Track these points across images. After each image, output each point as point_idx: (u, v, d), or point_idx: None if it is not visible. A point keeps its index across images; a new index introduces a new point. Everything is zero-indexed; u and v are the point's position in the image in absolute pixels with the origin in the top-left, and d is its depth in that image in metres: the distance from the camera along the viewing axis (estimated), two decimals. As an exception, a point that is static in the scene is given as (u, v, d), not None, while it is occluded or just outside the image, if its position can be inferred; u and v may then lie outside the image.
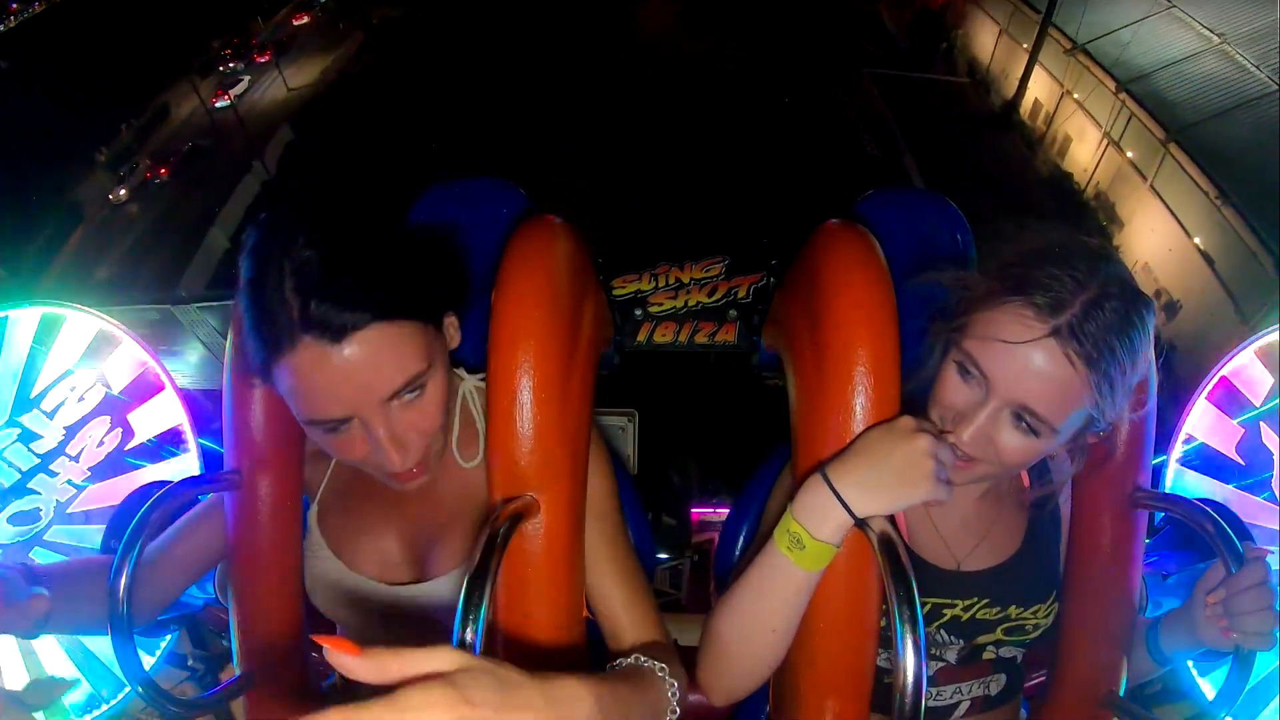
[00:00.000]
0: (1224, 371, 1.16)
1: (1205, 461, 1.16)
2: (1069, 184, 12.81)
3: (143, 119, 21.20)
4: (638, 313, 1.22)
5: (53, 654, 1.16)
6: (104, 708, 1.17)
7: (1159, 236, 10.17)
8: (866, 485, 0.71)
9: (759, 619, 0.77)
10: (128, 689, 1.15)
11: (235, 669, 0.90)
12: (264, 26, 26.25)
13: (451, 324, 0.80)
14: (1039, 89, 14.03)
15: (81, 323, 1.19)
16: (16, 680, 1.15)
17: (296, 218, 0.69)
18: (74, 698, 1.16)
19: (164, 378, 1.21)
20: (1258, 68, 10.41)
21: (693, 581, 1.86)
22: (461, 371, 0.91)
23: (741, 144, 14.98)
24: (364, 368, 0.67)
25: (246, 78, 22.88)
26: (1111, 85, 11.49)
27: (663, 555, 1.32)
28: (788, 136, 15.25)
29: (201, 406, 1.21)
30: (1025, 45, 13.99)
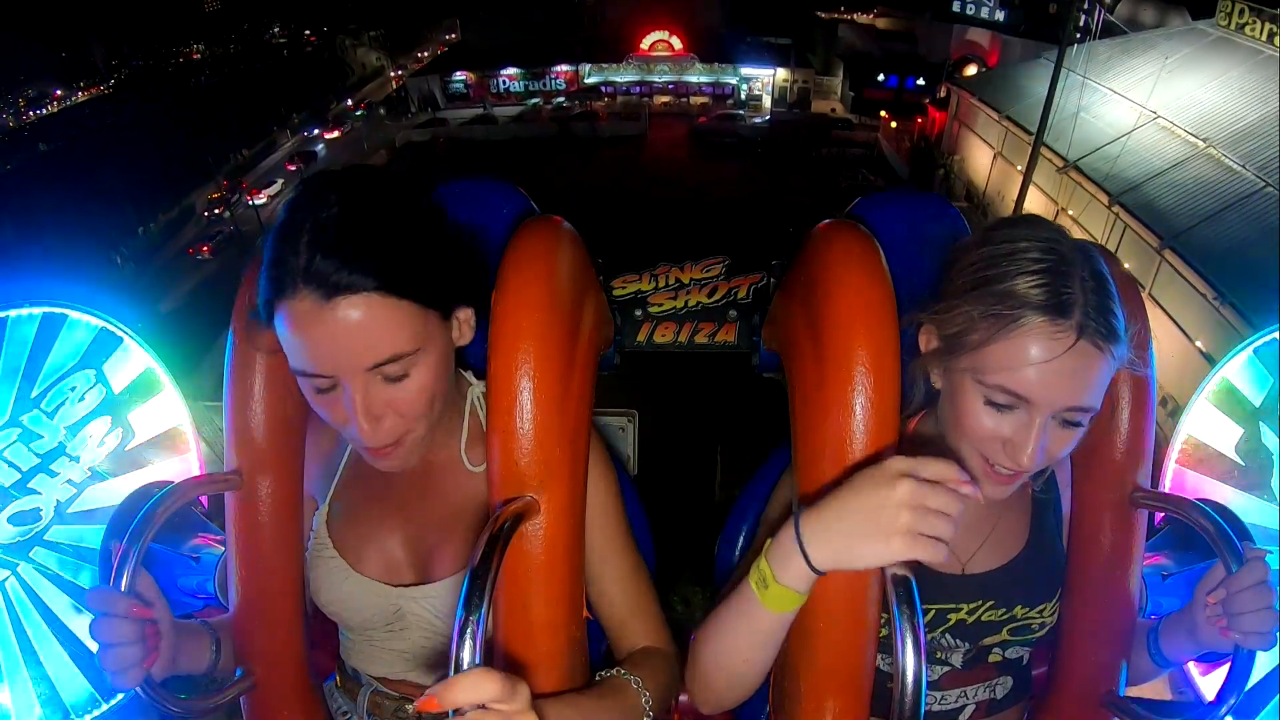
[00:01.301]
0: (1224, 371, 1.16)
1: (1205, 462, 1.16)
2: None
3: (169, 215, 21.49)
4: (638, 313, 1.22)
5: (53, 654, 1.16)
6: (104, 708, 1.16)
7: (1160, 344, 10.00)
8: (829, 535, 0.66)
9: (733, 647, 0.77)
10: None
11: (235, 669, 0.90)
12: (290, 138, 27.20)
13: (465, 319, 0.80)
14: (1034, 208, 14.29)
15: (82, 323, 1.19)
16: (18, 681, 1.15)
17: (337, 181, 0.72)
18: (74, 698, 1.16)
19: (165, 378, 1.21)
20: (1244, 167, 10.70)
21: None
22: (470, 376, 0.91)
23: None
24: (350, 332, 0.68)
25: (280, 181, 23.70)
26: (1104, 199, 11.77)
27: None
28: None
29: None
30: (1019, 167, 14.24)
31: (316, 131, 28.59)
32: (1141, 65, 13.74)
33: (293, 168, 25.02)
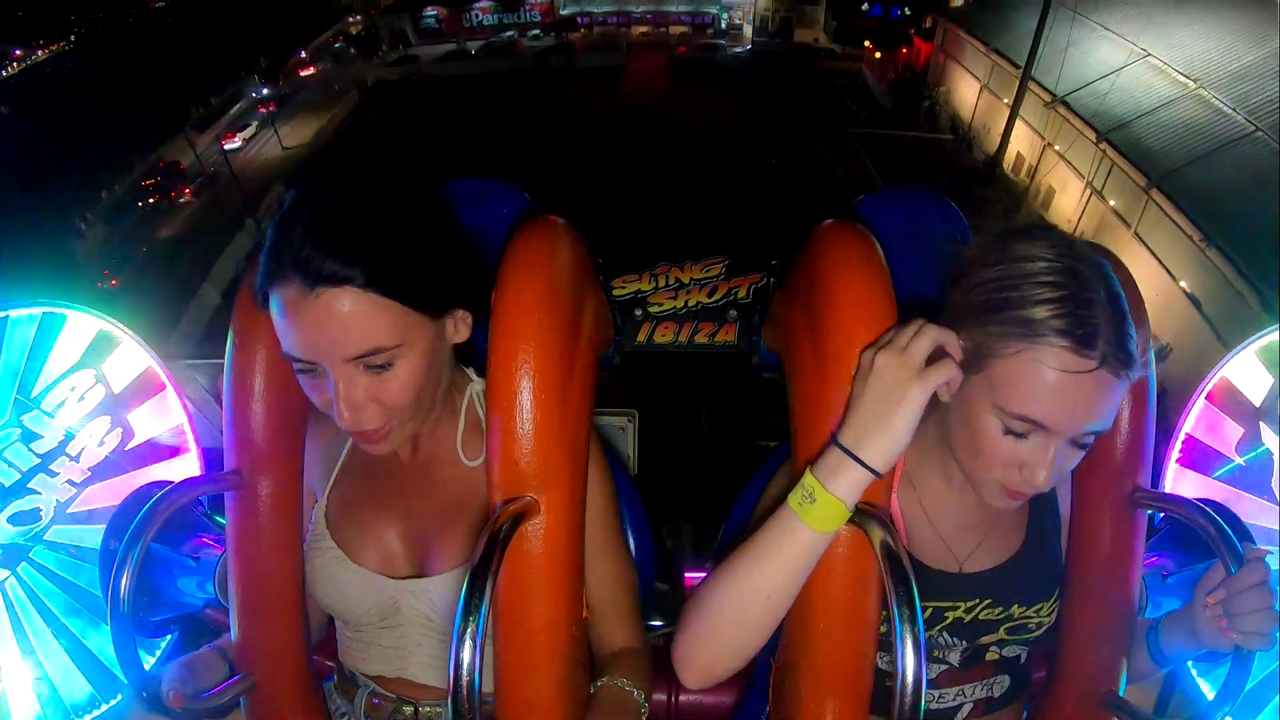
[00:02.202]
0: (1224, 371, 1.16)
1: (1205, 461, 1.16)
2: None
3: (137, 171, 21.12)
4: (638, 313, 1.22)
5: (53, 654, 1.16)
6: (104, 708, 1.17)
7: (1145, 283, 9.89)
8: (870, 434, 0.70)
9: (755, 582, 0.75)
10: (127, 688, 1.15)
11: (235, 670, 0.90)
12: (260, 83, 26.54)
13: (460, 318, 0.80)
14: (1021, 142, 14.23)
15: (82, 323, 1.19)
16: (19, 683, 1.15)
17: (350, 175, 0.74)
18: (74, 697, 1.16)
19: (164, 378, 1.21)
20: (1235, 110, 10.58)
21: None
22: (471, 372, 0.91)
23: (728, 202, 14.99)
24: (330, 323, 0.70)
25: (255, 123, 23.16)
26: (1092, 135, 11.67)
27: (656, 622, 1.32)
28: (774, 195, 15.28)
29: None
30: (1006, 100, 14.21)
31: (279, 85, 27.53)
32: (1133, 2, 13.43)
33: (264, 110, 24.27)
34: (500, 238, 0.81)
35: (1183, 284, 9.37)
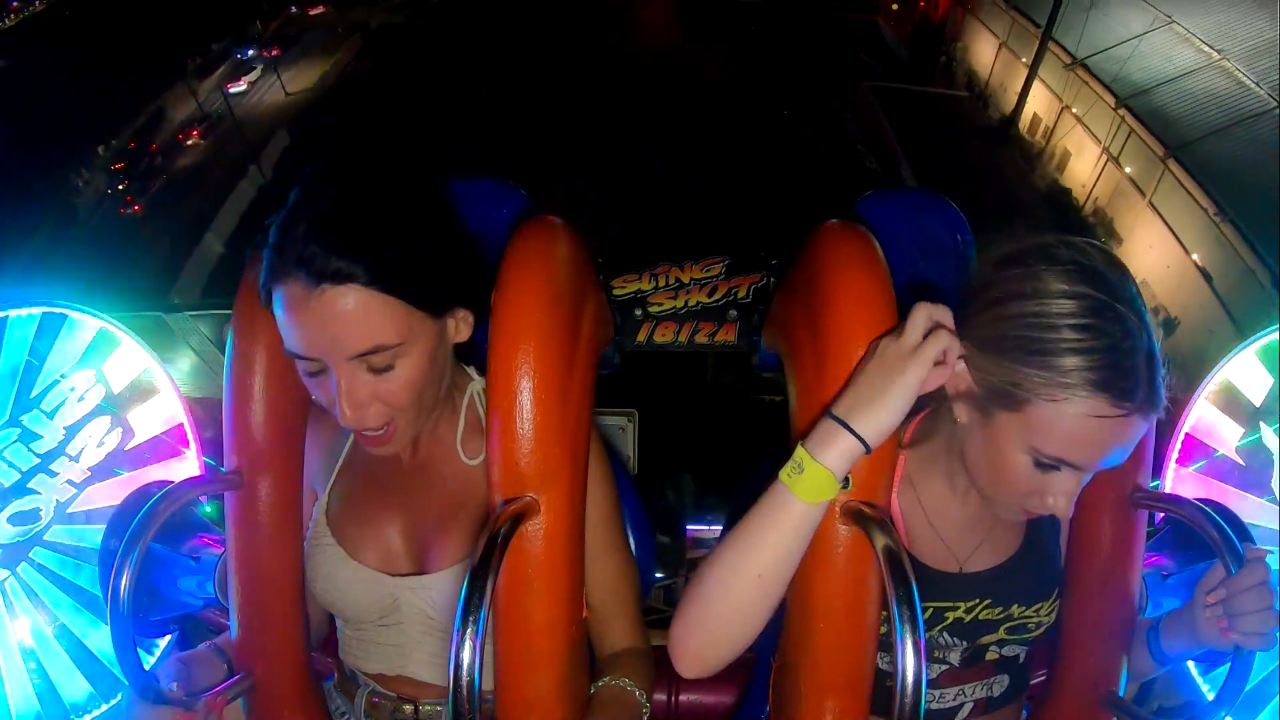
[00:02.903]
0: (1224, 371, 1.16)
1: (1205, 462, 1.16)
2: (1068, 199, 12.75)
3: (139, 120, 20.95)
4: (638, 313, 1.22)
5: (53, 654, 1.16)
6: (104, 708, 1.17)
7: (1157, 253, 10.15)
8: (867, 408, 0.70)
9: (746, 559, 0.74)
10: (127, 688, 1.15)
11: (235, 670, 0.90)
12: (263, 30, 26.11)
13: (462, 317, 0.81)
14: (1038, 103, 13.94)
15: (81, 323, 1.19)
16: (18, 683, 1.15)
17: (352, 169, 0.74)
18: (74, 698, 1.16)
19: (164, 378, 1.21)
20: (1258, 85, 10.37)
21: None
22: (472, 371, 0.91)
23: (740, 155, 14.86)
24: (335, 320, 0.70)
25: (260, 66, 22.60)
26: (1111, 101, 11.45)
27: (657, 574, 1.31)
28: (786, 148, 15.15)
29: (194, 415, 1.21)
30: (1025, 59, 13.90)
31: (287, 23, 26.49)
32: None
33: (269, 54, 23.56)
34: (500, 238, 0.81)
35: (1194, 257, 9.22)
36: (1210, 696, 1.04)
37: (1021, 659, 0.92)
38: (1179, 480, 1.16)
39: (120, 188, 17.44)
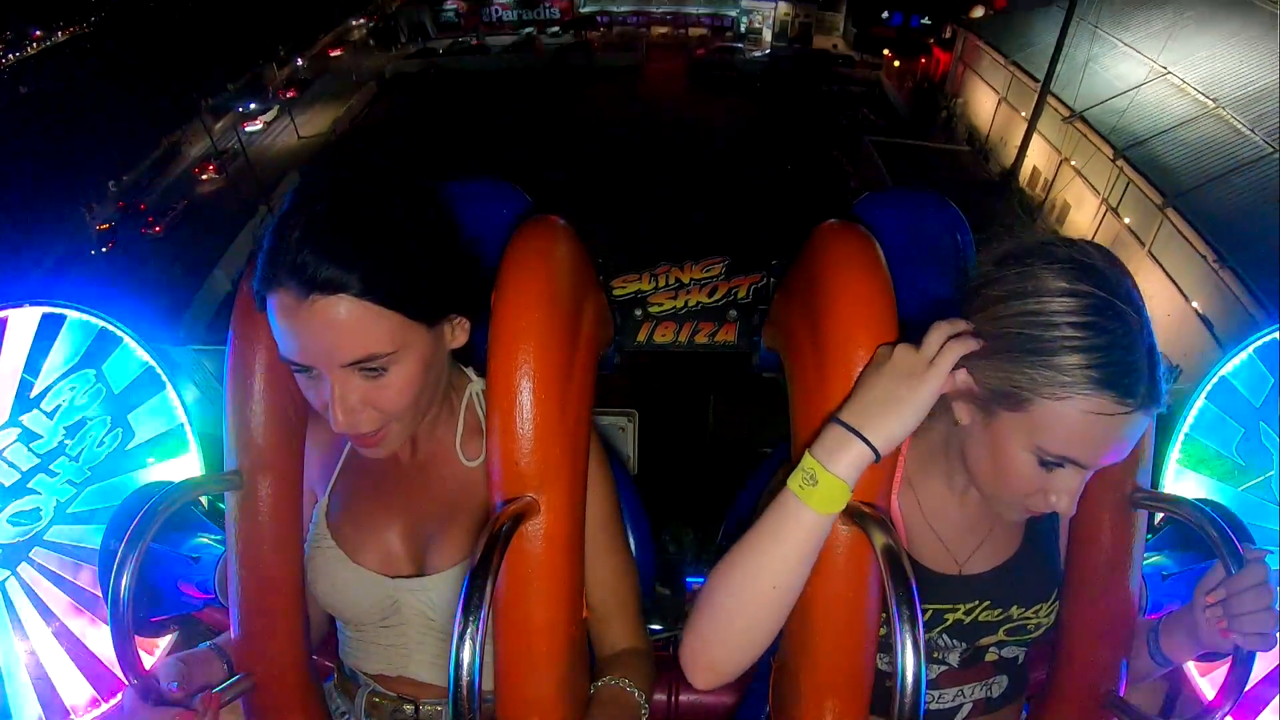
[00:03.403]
0: (1224, 371, 1.16)
1: (1205, 461, 1.16)
2: None
3: (155, 154, 21.10)
4: (638, 313, 1.22)
5: (53, 654, 1.16)
6: (104, 708, 1.17)
7: (1157, 302, 10.20)
8: (876, 411, 0.70)
9: (760, 572, 0.73)
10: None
11: (235, 670, 0.90)
12: (277, 73, 26.58)
13: (458, 324, 0.80)
14: (1037, 156, 14.18)
15: (81, 323, 1.19)
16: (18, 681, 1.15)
17: (349, 178, 0.73)
18: (74, 698, 1.16)
19: (164, 377, 1.21)
20: (1253, 131, 10.56)
21: None
22: (470, 372, 0.91)
23: (744, 207, 14.99)
24: (327, 329, 0.69)
25: (276, 107, 23.29)
26: (1109, 151, 11.62)
27: (655, 626, 1.32)
28: (790, 201, 15.24)
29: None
30: (1024, 113, 14.13)
31: (302, 66, 27.72)
32: (1155, 19, 13.38)
33: (289, 95, 24.59)
34: (500, 238, 0.81)
35: (1195, 304, 9.31)
36: (1210, 696, 1.04)
37: (1021, 660, 0.92)
38: (1179, 480, 1.16)
39: (142, 208, 17.84)
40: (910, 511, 0.87)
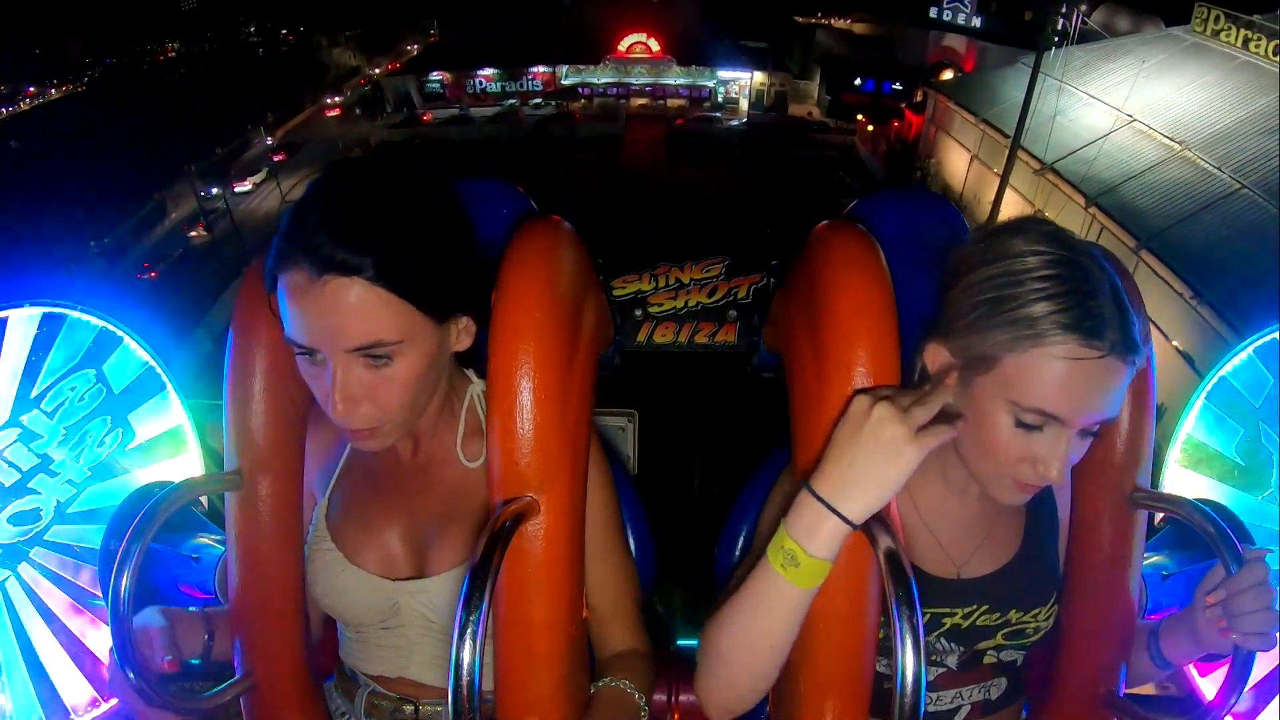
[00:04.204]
0: (1224, 371, 1.16)
1: (1206, 461, 1.16)
2: None
3: (140, 214, 21.25)
4: (638, 313, 1.22)
5: (53, 654, 1.16)
6: (104, 708, 1.17)
7: None
8: (851, 485, 0.68)
9: (758, 635, 0.75)
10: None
11: (235, 669, 0.90)
12: (264, 136, 27.24)
13: (463, 326, 0.80)
14: (1011, 209, 14.38)
15: (82, 323, 1.19)
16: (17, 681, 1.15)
17: (372, 165, 0.74)
18: (74, 698, 1.16)
19: (164, 377, 1.21)
20: (1220, 169, 10.88)
21: None
22: (472, 374, 0.91)
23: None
24: (336, 310, 0.69)
25: (266, 169, 23.88)
26: (1081, 200, 11.88)
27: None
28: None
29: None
30: (996, 169, 14.39)
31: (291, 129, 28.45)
32: (1118, 70, 13.96)
33: (278, 158, 25.21)
34: (500, 238, 0.81)
35: (1175, 343, 9.42)
36: (1210, 696, 1.04)
37: (1019, 663, 0.92)
38: (1179, 480, 1.16)
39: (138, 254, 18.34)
40: (907, 513, 0.87)
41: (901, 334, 0.74)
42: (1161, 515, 1.08)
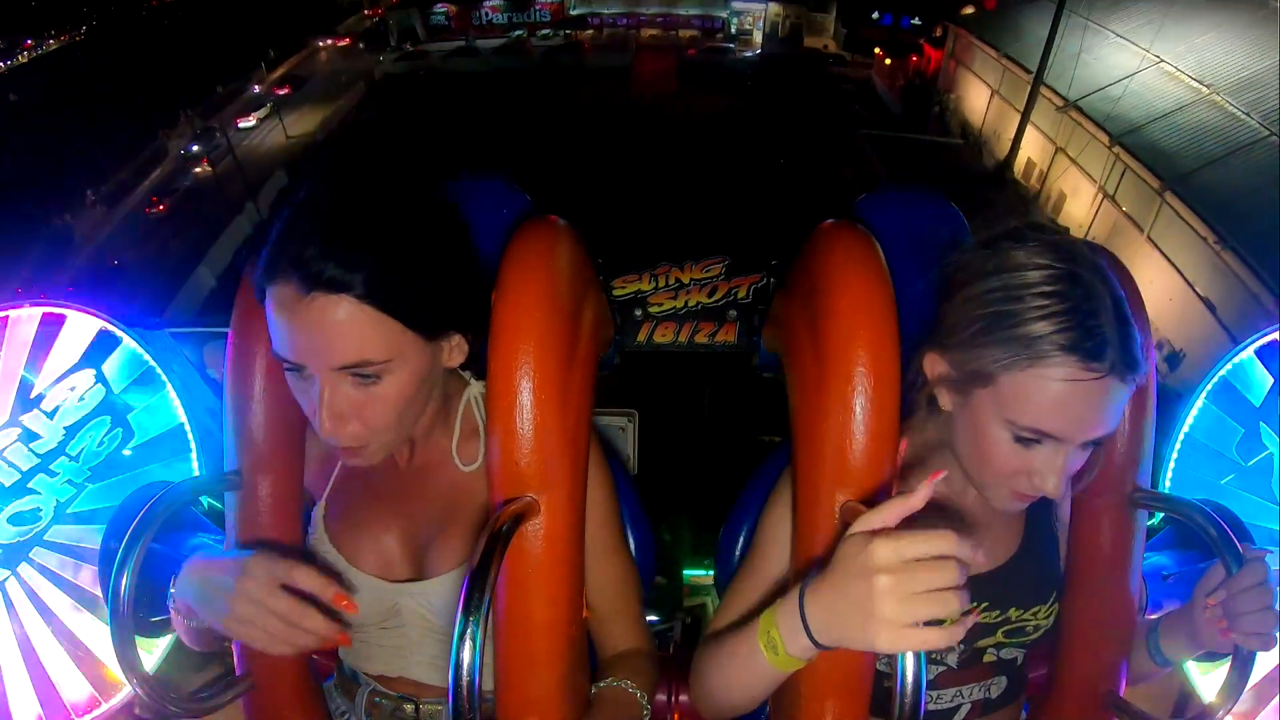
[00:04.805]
0: (1224, 371, 1.16)
1: (1205, 461, 1.16)
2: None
3: (142, 157, 21.11)
4: (638, 313, 1.22)
5: (53, 654, 1.16)
6: (104, 708, 1.16)
7: (1158, 287, 10.17)
8: (828, 616, 0.63)
9: (738, 686, 0.77)
10: (127, 689, 1.15)
11: (235, 669, 0.90)
12: (267, 73, 26.59)
13: (456, 344, 0.80)
14: (1031, 148, 14.26)
15: (81, 323, 1.19)
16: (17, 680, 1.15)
17: (365, 174, 0.72)
18: (74, 697, 1.16)
19: (164, 378, 1.21)
20: (1248, 115, 10.60)
21: (683, 645, 1.78)
22: (469, 376, 0.91)
23: (736, 201, 15.03)
24: (323, 328, 0.68)
25: (269, 104, 23.37)
26: (1105, 139, 11.67)
27: (653, 617, 1.28)
28: (784, 194, 15.26)
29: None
30: (1017, 106, 14.24)
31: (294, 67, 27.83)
32: (1145, 10, 13.54)
33: (281, 91, 24.73)
34: (500, 238, 0.81)
35: (1197, 288, 9.28)
36: (1210, 696, 1.04)
37: (1019, 661, 0.92)
38: (1179, 480, 1.16)
39: (145, 185, 18.23)
40: None
41: (901, 334, 0.74)
42: (1161, 515, 1.08)
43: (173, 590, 0.80)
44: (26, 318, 1.17)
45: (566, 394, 0.77)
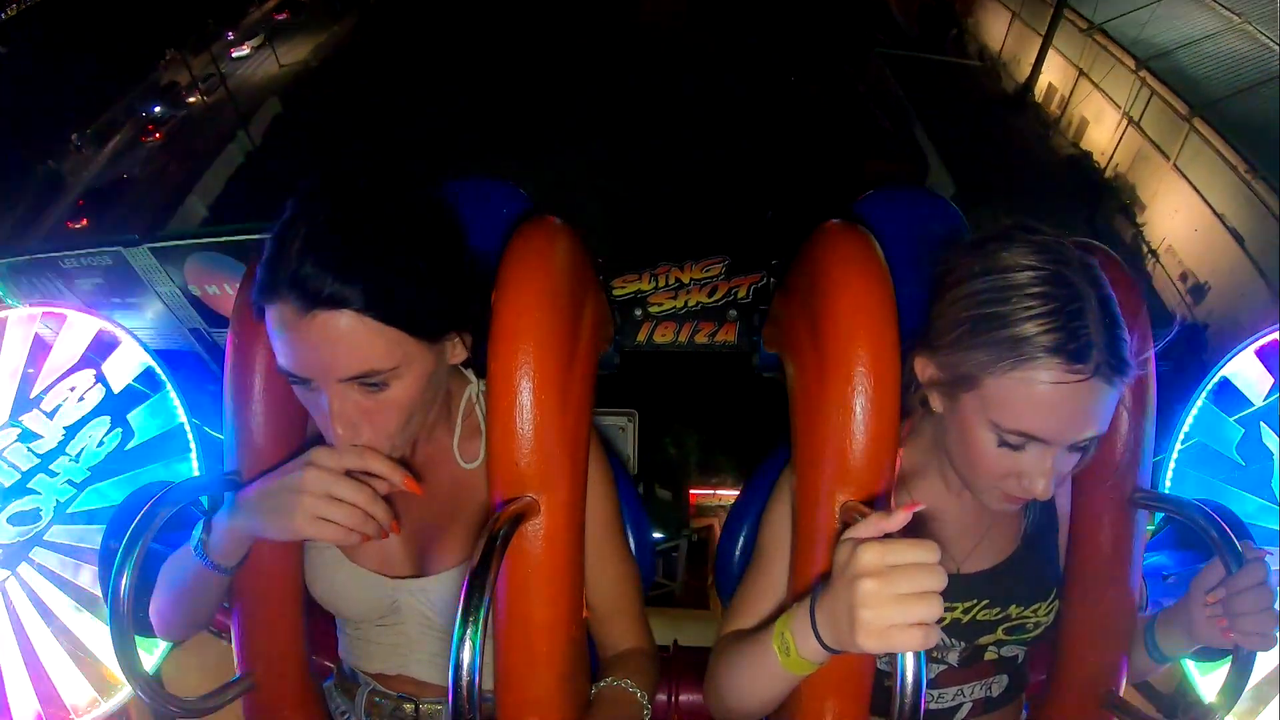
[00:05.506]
0: (1224, 371, 1.16)
1: (1205, 461, 1.16)
2: (1088, 163, 12.52)
3: (133, 93, 20.92)
4: (638, 313, 1.22)
5: (53, 654, 1.16)
6: (104, 708, 1.17)
7: (1183, 217, 9.90)
8: (834, 620, 0.63)
9: (751, 690, 0.78)
10: (127, 689, 1.15)
11: (236, 670, 0.90)
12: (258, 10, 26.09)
13: (458, 343, 0.80)
14: (1053, 73, 13.79)
15: (81, 323, 1.19)
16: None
17: (353, 182, 0.71)
18: (74, 698, 1.16)
19: (164, 377, 1.21)
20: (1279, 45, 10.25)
21: (688, 571, 1.79)
22: (470, 373, 0.91)
23: (751, 122, 14.93)
24: (327, 344, 0.68)
25: (263, 34, 22.94)
26: (1130, 64, 11.27)
27: (658, 535, 1.29)
28: (798, 113, 15.13)
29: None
30: (1039, 29, 13.74)
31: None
32: None
33: (280, 16, 24.30)
34: (500, 238, 0.81)
35: (1224, 217, 8.95)
36: (1210, 697, 1.04)
37: (1020, 659, 0.92)
38: (1179, 480, 1.16)
39: (143, 115, 18.29)
40: None
41: (902, 334, 0.74)
42: (1161, 515, 1.08)
43: (203, 538, 0.79)
44: (26, 317, 1.17)
45: (566, 394, 0.77)
